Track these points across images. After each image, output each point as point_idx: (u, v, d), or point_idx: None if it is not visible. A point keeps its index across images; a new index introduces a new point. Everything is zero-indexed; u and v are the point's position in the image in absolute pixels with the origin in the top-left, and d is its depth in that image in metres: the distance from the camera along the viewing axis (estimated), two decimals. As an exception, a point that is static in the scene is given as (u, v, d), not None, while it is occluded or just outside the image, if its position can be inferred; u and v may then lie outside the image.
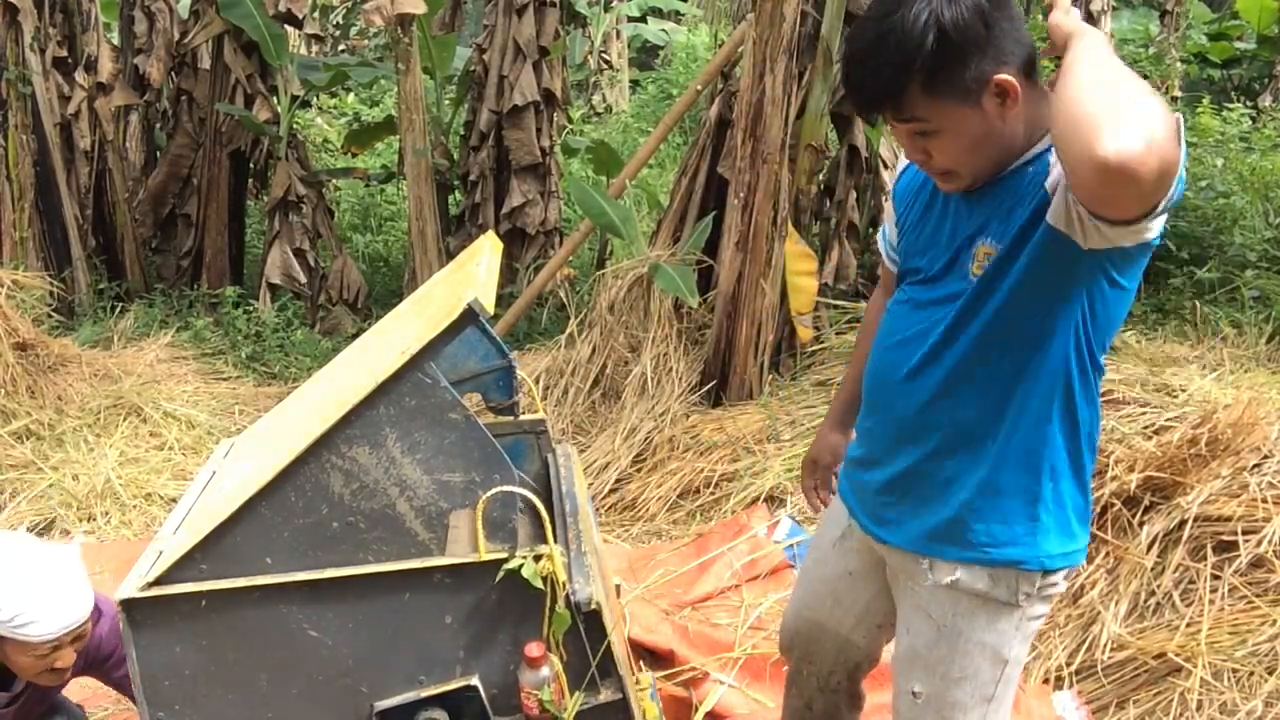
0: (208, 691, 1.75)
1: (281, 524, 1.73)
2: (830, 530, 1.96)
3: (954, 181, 1.56)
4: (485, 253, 2.12)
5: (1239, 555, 2.77)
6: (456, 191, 6.89)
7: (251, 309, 6.09)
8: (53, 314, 5.70)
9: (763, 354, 4.70)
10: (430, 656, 1.77)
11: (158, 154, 7.15)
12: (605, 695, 1.81)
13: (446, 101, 7.12)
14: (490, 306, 1.78)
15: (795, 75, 4.46)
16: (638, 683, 2.02)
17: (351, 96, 11.76)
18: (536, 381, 4.77)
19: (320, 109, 11.36)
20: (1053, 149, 1.40)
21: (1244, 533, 2.80)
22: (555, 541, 1.76)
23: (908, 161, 1.76)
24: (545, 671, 1.73)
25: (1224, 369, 4.26)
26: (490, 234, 2.40)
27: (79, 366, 5.04)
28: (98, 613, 2.13)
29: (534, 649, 1.71)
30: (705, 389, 4.67)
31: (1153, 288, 5.53)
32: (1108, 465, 3.08)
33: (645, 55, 15.47)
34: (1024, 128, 1.48)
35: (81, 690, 2.89)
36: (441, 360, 1.74)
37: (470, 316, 1.75)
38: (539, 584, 1.72)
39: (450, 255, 5.90)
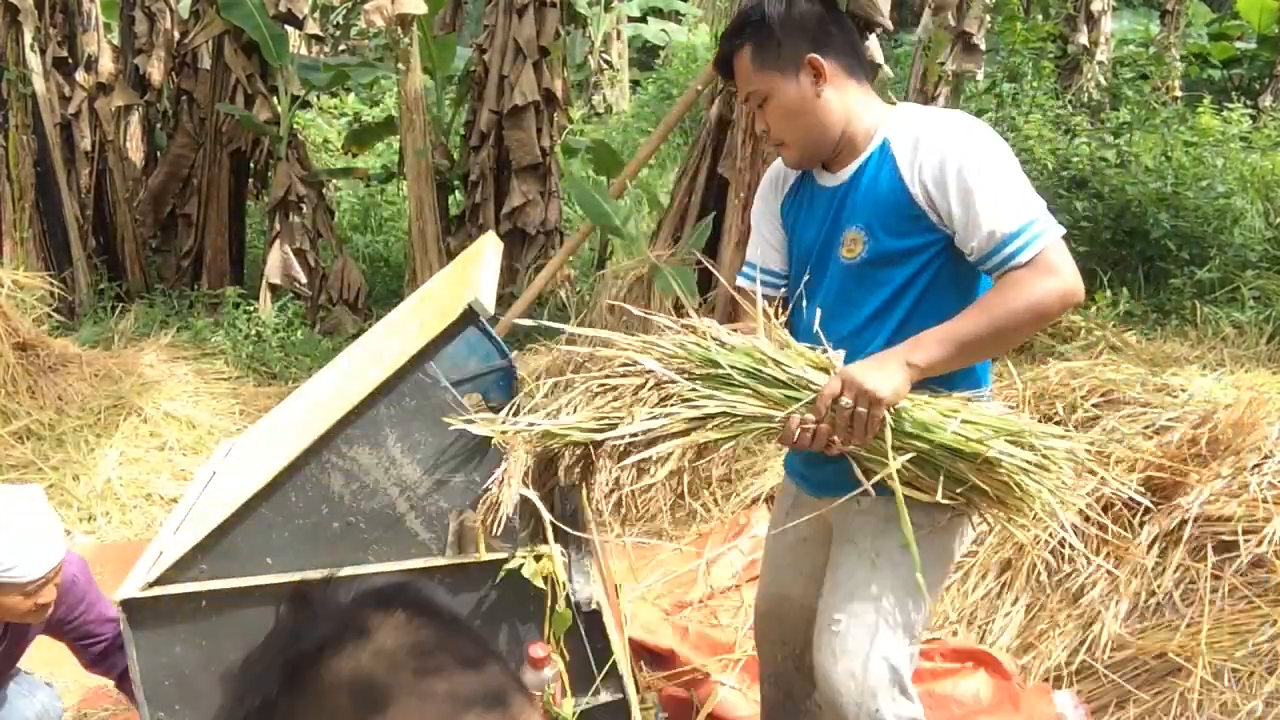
0: (207, 691, 1.75)
1: (281, 524, 1.73)
2: (783, 501, 2.10)
3: (788, 154, 1.83)
4: (486, 253, 2.13)
5: (1239, 555, 2.76)
6: (456, 191, 6.88)
7: (252, 309, 6.09)
8: (53, 314, 5.69)
9: (763, 354, 4.70)
10: (430, 657, 1.77)
11: (158, 154, 7.15)
12: (605, 696, 1.81)
13: (446, 101, 7.11)
14: (490, 306, 1.78)
15: (795, 75, 4.46)
16: (643, 701, 2.02)
17: (351, 96, 11.76)
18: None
19: (320, 109, 11.36)
20: (882, 147, 1.72)
21: (1244, 533, 2.79)
22: (555, 541, 1.76)
23: (760, 188, 2.01)
24: (548, 672, 1.72)
25: (1224, 369, 4.25)
26: (490, 234, 2.40)
27: (79, 366, 5.03)
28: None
29: (538, 650, 1.70)
30: (705, 389, 4.66)
31: (1153, 287, 5.53)
32: (1108, 465, 3.07)
33: (645, 55, 15.46)
34: (841, 112, 1.75)
35: (81, 690, 2.90)
36: (442, 360, 1.74)
37: (470, 316, 1.75)
38: (539, 584, 1.72)
39: (450, 255, 5.89)
